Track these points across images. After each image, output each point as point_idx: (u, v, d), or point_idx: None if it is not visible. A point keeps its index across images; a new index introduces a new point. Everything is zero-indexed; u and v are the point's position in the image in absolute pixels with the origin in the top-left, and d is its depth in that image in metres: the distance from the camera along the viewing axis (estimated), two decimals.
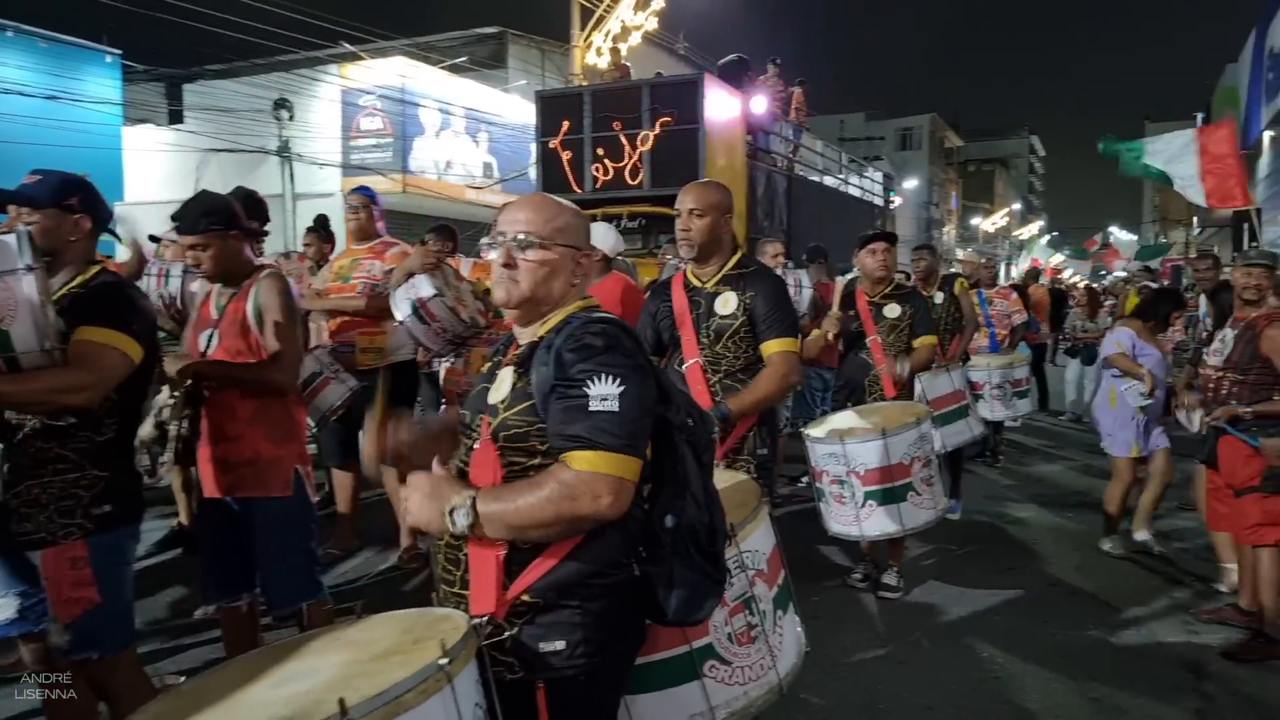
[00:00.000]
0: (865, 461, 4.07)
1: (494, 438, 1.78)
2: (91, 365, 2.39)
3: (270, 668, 1.67)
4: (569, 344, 1.76)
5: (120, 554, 2.62)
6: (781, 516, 6.09)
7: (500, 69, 22.85)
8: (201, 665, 3.74)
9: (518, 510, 1.67)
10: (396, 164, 19.38)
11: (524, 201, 1.97)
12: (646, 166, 10.67)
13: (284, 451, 3.20)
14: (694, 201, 3.23)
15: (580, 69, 18.17)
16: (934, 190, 51.81)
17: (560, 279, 1.89)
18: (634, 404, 1.70)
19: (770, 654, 2.27)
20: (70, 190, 2.60)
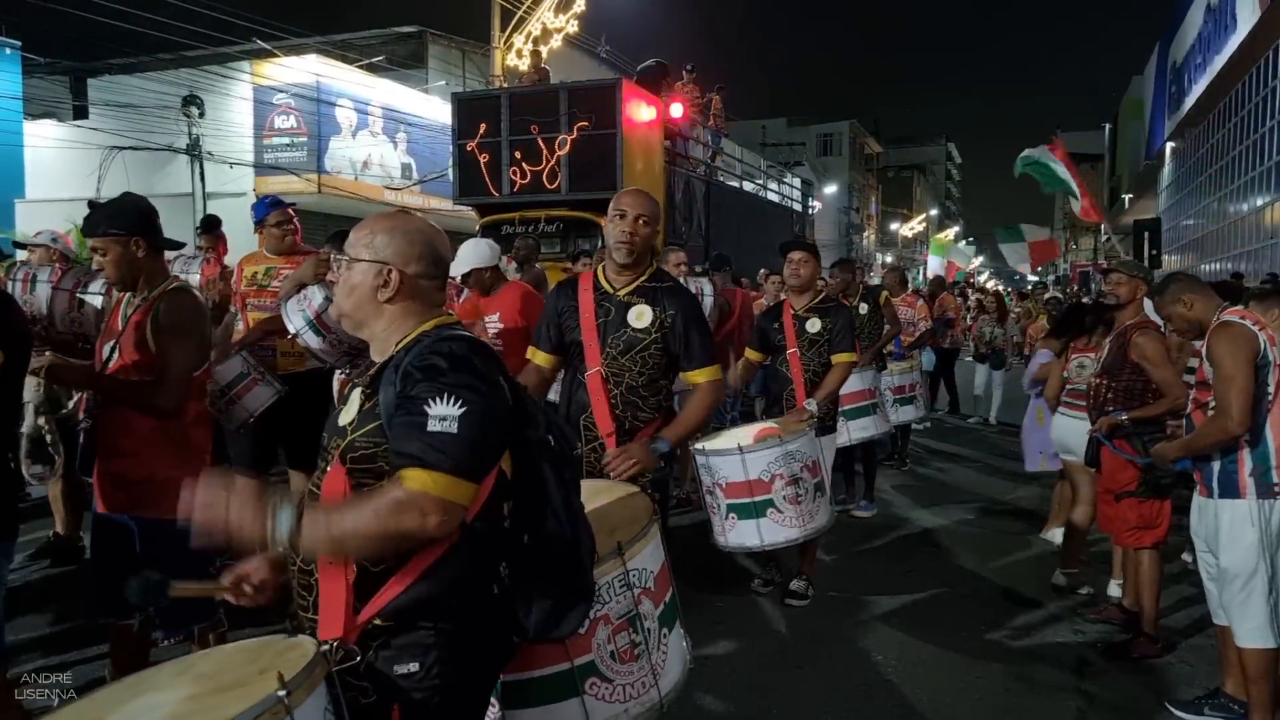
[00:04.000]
0: (726, 475, 4.11)
1: (343, 460, 1.74)
2: None
3: (118, 704, 1.61)
4: (415, 361, 1.72)
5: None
6: (689, 524, 6.15)
7: (420, 69, 22.51)
8: (85, 684, 3.57)
9: (341, 520, 1.63)
10: (311, 164, 18.92)
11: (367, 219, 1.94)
12: (565, 171, 10.62)
13: (181, 472, 3.04)
14: (641, 208, 3.16)
15: (501, 71, 18.04)
16: (854, 195, 52.94)
17: (363, 295, 1.84)
18: (474, 427, 1.66)
19: (653, 672, 2.27)
20: None
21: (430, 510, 1.60)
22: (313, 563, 1.75)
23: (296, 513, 1.62)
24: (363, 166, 19.94)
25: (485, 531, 1.79)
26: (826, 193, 40.86)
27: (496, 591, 1.85)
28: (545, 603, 1.91)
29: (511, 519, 1.88)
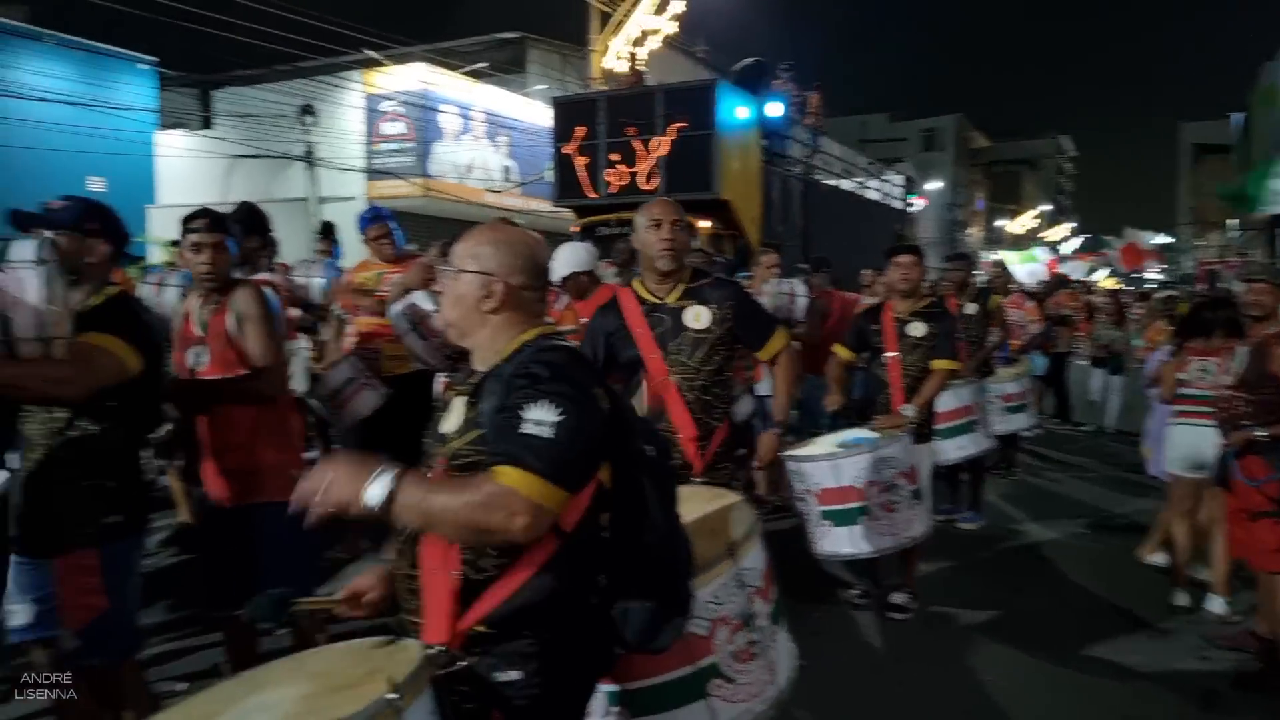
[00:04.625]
0: (818, 481, 4.06)
1: (447, 467, 1.78)
2: (81, 362, 2.44)
3: (234, 701, 1.69)
4: (516, 370, 1.75)
5: (127, 563, 2.68)
6: (787, 529, 6.06)
7: (520, 74, 22.95)
8: (206, 669, 3.80)
9: (435, 498, 1.64)
10: (418, 168, 19.53)
11: (472, 231, 1.98)
12: (661, 172, 10.66)
13: (286, 457, 3.29)
14: (675, 214, 3.22)
15: (598, 73, 18.20)
16: (958, 192, 51.33)
17: (469, 305, 1.88)
18: (570, 435, 1.67)
19: (770, 669, 2.32)
20: (90, 216, 2.70)
21: (519, 510, 1.61)
22: (418, 567, 1.80)
23: (396, 479, 1.63)
24: (466, 170, 20.45)
25: (583, 542, 1.81)
26: (929, 189, 39.77)
27: (595, 602, 1.86)
28: (643, 615, 1.91)
29: (610, 530, 1.88)
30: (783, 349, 3.38)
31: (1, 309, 2.26)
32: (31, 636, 2.59)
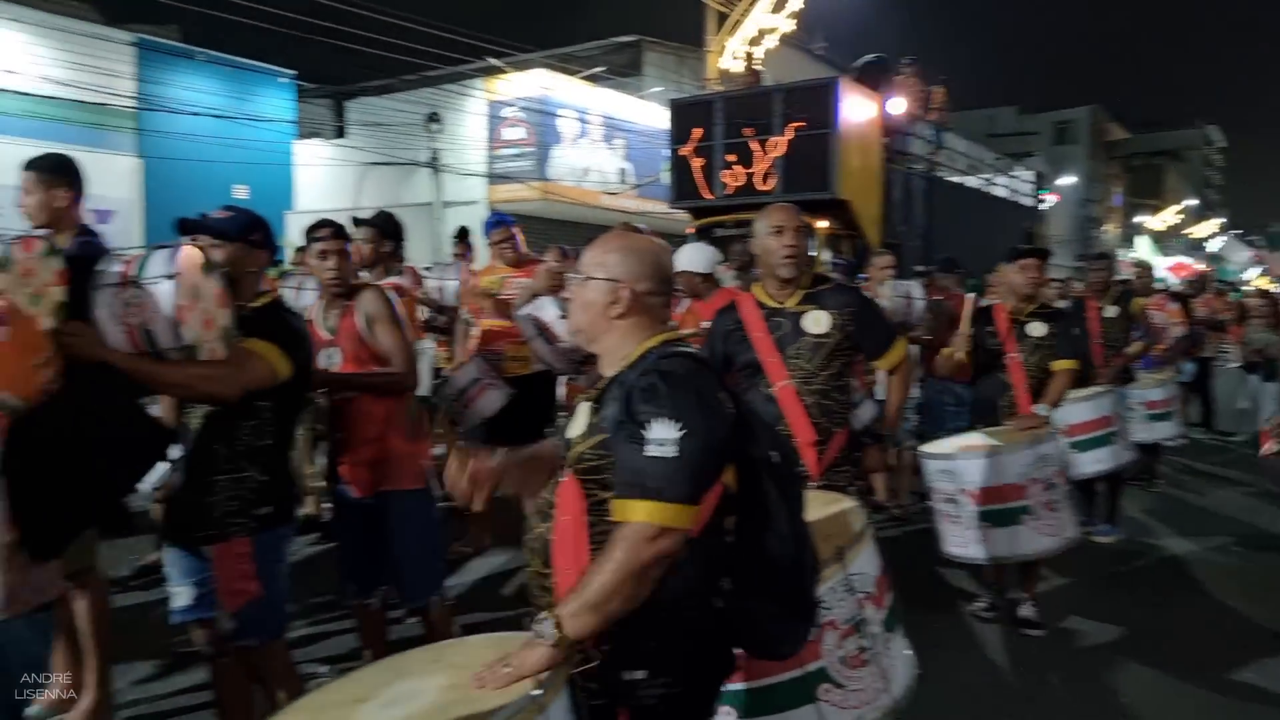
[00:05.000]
0: (976, 480, 3.90)
1: (574, 471, 1.83)
2: (237, 364, 2.60)
3: (380, 686, 1.78)
4: (638, 380, 1.79)
5: (277, 551, 2.84)
6: (903, 535, 5.93)
7: (636, 76, 23.15)
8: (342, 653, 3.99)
9: (594, 591, 1.68)
10: (536, 172, 19.97)
11: (600, 238, 2.04)
12: (779, 172, 10.57)
13: (415, 448, 3.50)
14: (797, 221, 3.23)
15: (713, 74, 18.18)
16: (1093, 187, 48.73)
17: (596, 311, 1.93)
18: (694, 448, 1.70)
19: (883, 676, 2.28)
20: (254, 227, 2.88)
21: (654, 536, 1.68)
22: (550, 565, 1.85)
23: (554, 619, 1.68)
24: (583, 173, 20.78)
25: (707, 546, 1.83)
26: (1061, 185, 37.94)
27: (719, 605, 1.87)
28: (767, 620, 1.92)
29: (735, 535, 1.89)
30: (901, 360, 3.36)
31: (145, 323, 2.42)
32: (192, 617, 2.79)
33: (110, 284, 2.43)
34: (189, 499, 2.72)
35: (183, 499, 2.75)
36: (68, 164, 3.40)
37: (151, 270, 2.42)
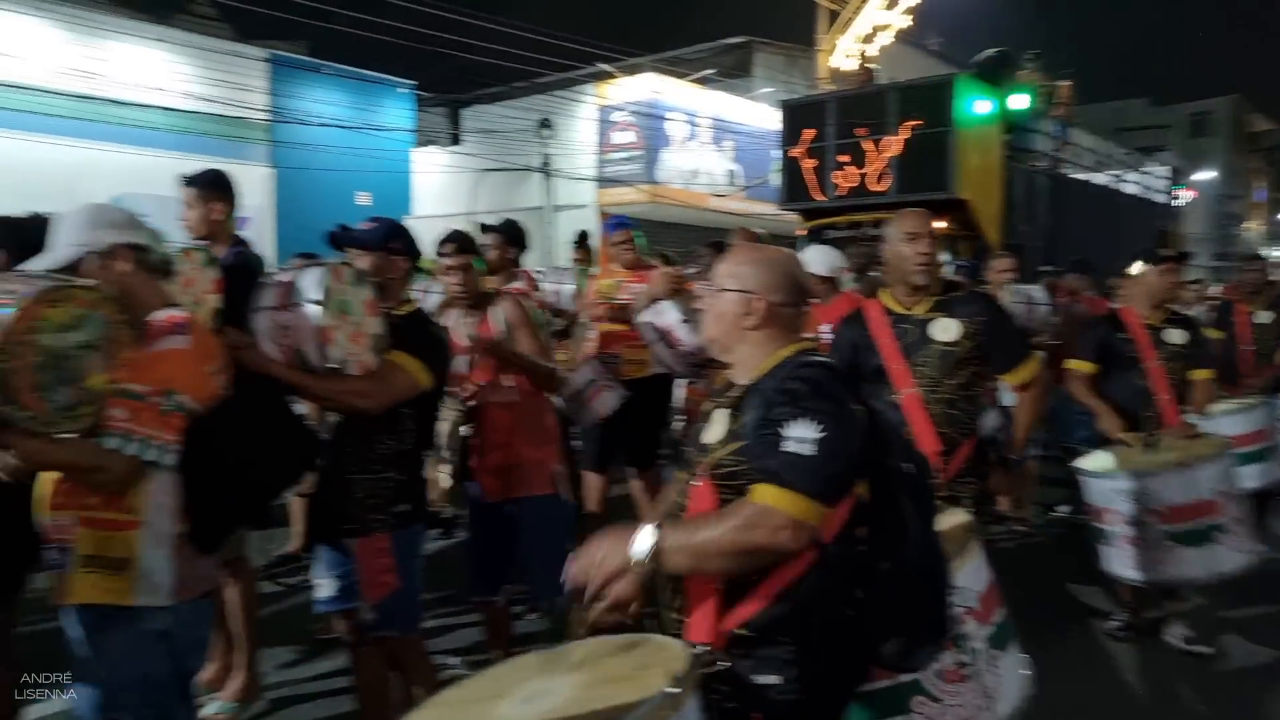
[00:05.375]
0: (1168, 497, 3.67)
1: (710, 475, 1.86)
2: (382, 379, 2.74)
3: (515, 683, 1.84)
4: (776, 386, 1.81)
5: (413, 547, 2.97)
6: (1027, 548, 5.72)
7: (745, 77, 23.04)
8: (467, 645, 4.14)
9: (699, 534, 1.73)
10: (645, 175, 20.10)
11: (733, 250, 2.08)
12: (894, 172, 10.36)
13: (544, 454, 3.60)
14: (931, 228, 3.18)
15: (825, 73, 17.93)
16: (1234, 182, 45.71)
17: (729, 322, 1.95)
18: (831, 451, 1.72)
19: (985, 694, 2.21)
20: (394, 236, 3.02)
21: (781, 525, 1.69)
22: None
23: (657, 529, 1.74)
24: (691, 175, 20.82)
25: (840, 556, 1.84)
26: (1198, 180, 35.76)
27: (852, 615, 1.88)
28: (900, 632, 1.92)
29: (868, 545, 1.90)
30: (1033, 378, 3.24)
31: (298, 343, 2.58)
32: (335, 607, 2.96)
33: (267, 307, 2.59)
34: (332, 497, 2.87)
35: (326, 497, 2.91)
36: (224, 180, 3.65)
37: (302, 294, 2.58)
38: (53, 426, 1.97)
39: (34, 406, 1.92)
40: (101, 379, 2.03)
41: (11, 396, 1.88)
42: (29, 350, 1.90)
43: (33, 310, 1.90)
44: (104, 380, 2.04)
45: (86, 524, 2.13)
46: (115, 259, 2.20)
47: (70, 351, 1.97)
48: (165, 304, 2.28)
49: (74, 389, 1.98)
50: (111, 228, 2.23)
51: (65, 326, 1.96)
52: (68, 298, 1.99)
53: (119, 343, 2.07)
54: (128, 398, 2.05)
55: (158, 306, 2.24)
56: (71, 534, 2.13)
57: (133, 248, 2.23)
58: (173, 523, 2.16)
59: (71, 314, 1.98)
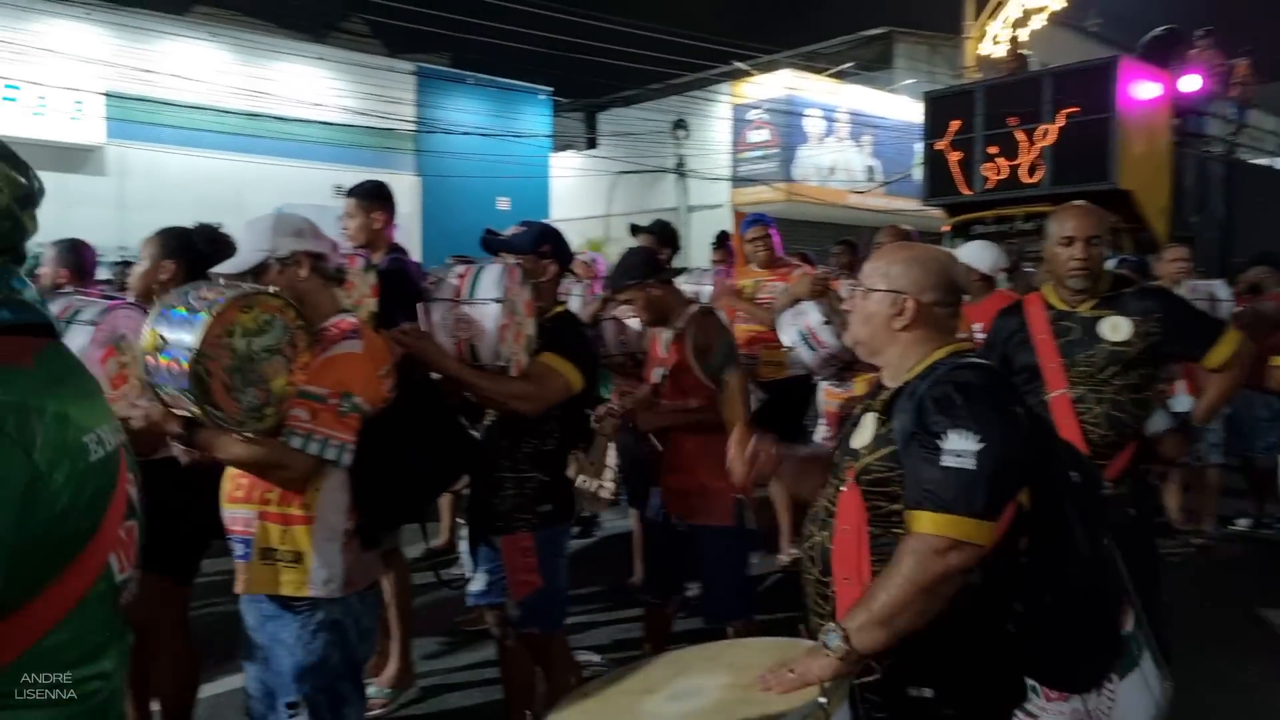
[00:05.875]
0: None
1: (857, 481, 1.81)
2: (540, 383, 2.80)
3: (664, 680, 1.85)
4: (930, 391, 1.73)
5: (557, 547, 3.00)
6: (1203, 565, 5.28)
7: (886, 70, 22.42)
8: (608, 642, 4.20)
9: (883, 605, 1.64)
10: (781, 173, 19.87)
11: (883, 249, 2.00)
12: (1047, 163, 9.79)
13: (726, 484, 3.39)
14: (1093, 229, 2.94)
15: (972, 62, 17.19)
16: None
17: (878, 323, 1.87)
18: (993, 462, 1.62)
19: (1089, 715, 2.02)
20: (545, 239, 3.03)
21: (948, 550, 1.62)
22: (830, 575, 1.84)
23: (841, 631, 1.66)
24: (829, 172, 20.44)
25: (998, 566, 1.74)
26: None
27: (1011, 630, 1.79)
28: (1063, 649, 1.82)
29: (1029, 556, 1.79)
30: (1234, 355, 2.92)
31: (472, 338, 2.65)
32: (484, 601, 3.05)
33: (445, 299, 2.68)
34: (480, 495, 2.95)
35: (475, 495, 2.99)
36: (384, 190, 3.81)
37: (483, 291, 2.65)
38: (242, 426, 2.09)
39: (227, 407, 2.04)
40: (284, 381, 2.15)
41: (208, 397, 2.01)
42: (224, 353, 2.02)
43: (227, 315, 2.02)
44: (286, 382, 2.15)
45: (264, 518, 2.25)
46: (295, 265, 2.32)
47: (258, 355, 2.09)
48: (338, 309, 2.39)
49: (260, 390, 2.10)
50: (293, 235, 2.34)
51: (254, 331, 2.08)
52: (257, 303, 2.10)
53: (299, 347, 2.18)
54: (309, 399, 2.16)
55: (331, 312, 2.36)
56: (250, 527, 2.26)
57: (311, 255, 2.35)
58: (343, 519, 2.26)
59: (260, 319, 2.10)
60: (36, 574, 1.02)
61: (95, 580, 1.10)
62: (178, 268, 2.96)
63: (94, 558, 1.10)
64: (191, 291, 2.11)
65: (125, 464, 1.19)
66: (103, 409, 1.18)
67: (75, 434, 1.07)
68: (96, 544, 1.09)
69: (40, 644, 1.03)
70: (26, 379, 1.05)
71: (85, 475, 1.07)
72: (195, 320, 2.00)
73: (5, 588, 0.97)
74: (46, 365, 1.10)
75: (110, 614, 1.15)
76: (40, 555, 1.01)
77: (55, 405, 1.06)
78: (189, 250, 3.02)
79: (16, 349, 1.08)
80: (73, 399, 1.10)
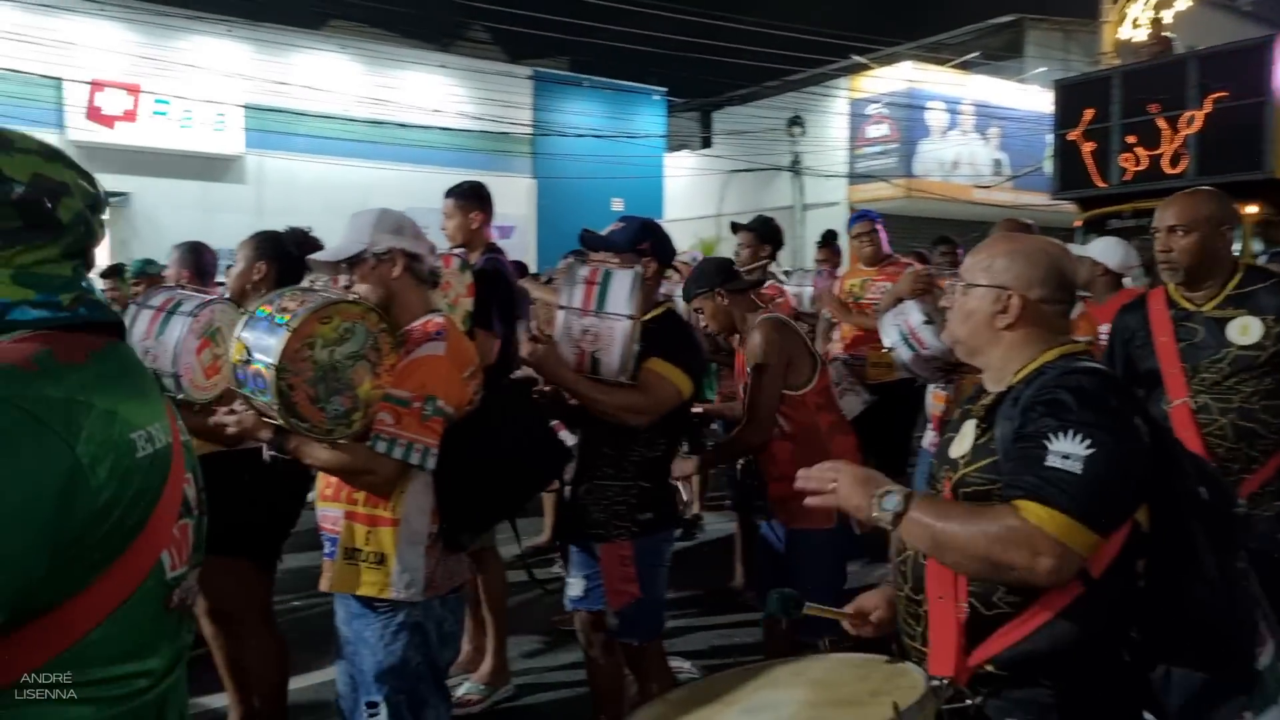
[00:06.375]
0: None
1: (954, 493, 1.68)
2: (653, 394, 2.73)
3: (741, 693, 1.79)
4: (1038, 396, 1.58)
5: (657, 556, 2.93)
6: None
7: (1015, 59, 21.45)
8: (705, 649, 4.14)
9: (948, 524, 1.55)
10: (901, 169, 19.30)
11: (986, 241, 1.83)
12: (1192, 152, 9.11)
13: None
14: (1175, 217, 2.72)
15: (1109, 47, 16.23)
16: None
17: (980, 322, 1.73)
18: (1102, 469, 1.46)
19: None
20: (643, 236, 2.95)
21: (1043, 550, 1.46)
22: (922, 593, 1.72)
23: (904, 499, 1.59)
24: (951, 166, 19.73)
25: (1113, 590, 1.59)
26: None
27: (1127, 660, 1.64)
28: (1189, 682, 1.67)
29: (1148, 580, 1.64)
30: None
31: (596, 351, 2.61)
32: (581, 607, 2.99)
33: (573, 307, 2.63)
34: (580, 500, 2.88)
35: (575, 499, 2.91)
36: (480, 190, 3.86)
37: (613, 303, 2.59)
38: (330, 434, 2.13)
39: (312, 417, 2.08)
40: (370, 386, 2.17)
41: (293, 410, 2.05)
42: (305, 366, 2.06)
43: (305, 329, 2.05)
44: (372, 387, 2.18)
45: (351, 518, 2.28)
46: (389, 262, 2.34)
47: (341, 363, 2.12)
48: (428, 310, 2.39)
49: (346, 397, 2.13)
50: (392, 233, 2.36)
51: (335, 340, 2.11)
52: (336, 312, 2.13)
53: (384, 350, 2.20)
54: (393, 403, 2.17)
55: (420, 313, 2.36)
56: (338, 526, 2.30)
57: (407, 254, 2.36)
58: (427, 522, 2.26)
59: (340, 328, 2.12)
60: (79, 568, 1.03)
61: (144, 578, 1.11)
62: (270, 269, 3.10)
63: (142, 555, 1.10)
64: (276, 300, 2.16)
65: (181, 463, 1.21)
66: (156, 408, 1.19)
67: (122, 430, 1.08)
68: (144, 541, 1.10)
69: (85, 639, 1.04)
70: (77, 375, 1.07)
71: (130, 472, 1.08)
72: (277, 332, 2.04)
73: (45, 581, 0.98)
74: (100, 363, 1.12)
75: (160, 612, 1.15)
76: (82, 549, 1.02)
77: (103, 402, 1.07)
78: (281, 252, 3.16)
79: (73, 346, 1.10)
80: (122, 397, 1.12)
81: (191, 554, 1.22)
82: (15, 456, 0.96)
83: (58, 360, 1.06)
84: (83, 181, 1.19)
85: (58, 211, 1.14)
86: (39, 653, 1.02)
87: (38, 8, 14.08)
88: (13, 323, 1.09)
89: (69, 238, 1.16)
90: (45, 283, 1.13)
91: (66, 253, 1.16)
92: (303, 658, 3.60)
